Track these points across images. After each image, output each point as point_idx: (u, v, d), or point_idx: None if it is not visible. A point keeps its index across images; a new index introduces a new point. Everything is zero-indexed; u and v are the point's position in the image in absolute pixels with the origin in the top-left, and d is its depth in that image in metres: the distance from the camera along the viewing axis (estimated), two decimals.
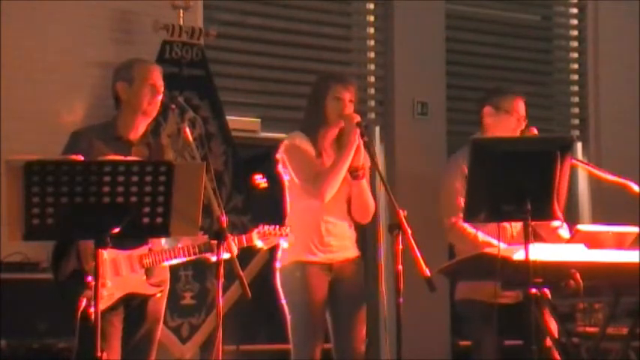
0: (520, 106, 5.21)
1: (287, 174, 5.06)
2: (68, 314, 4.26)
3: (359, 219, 5.12)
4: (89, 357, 3.76)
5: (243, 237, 4.78)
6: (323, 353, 5.04)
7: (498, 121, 5.18)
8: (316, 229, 5.00)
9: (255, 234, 4.81)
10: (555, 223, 5.11)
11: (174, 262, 4.70)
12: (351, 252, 5.10)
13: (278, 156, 5.08)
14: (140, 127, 4.73)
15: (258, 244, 4.83)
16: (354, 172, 5.01)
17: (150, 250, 4.59)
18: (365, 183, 5.05)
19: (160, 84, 4.75)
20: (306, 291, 4.95)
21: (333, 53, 7.25)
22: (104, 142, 4.63)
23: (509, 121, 5.17)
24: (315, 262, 4.98)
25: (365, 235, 6.10)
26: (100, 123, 4.84)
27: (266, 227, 4.84)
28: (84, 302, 4.29)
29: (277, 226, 4.88)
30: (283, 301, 5.02)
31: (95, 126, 4.82)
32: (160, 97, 4.72)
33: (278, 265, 5.05)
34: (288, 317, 5.01)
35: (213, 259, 4.56)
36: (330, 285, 5.02)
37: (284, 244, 4.92)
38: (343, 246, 5.06)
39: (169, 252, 4.63)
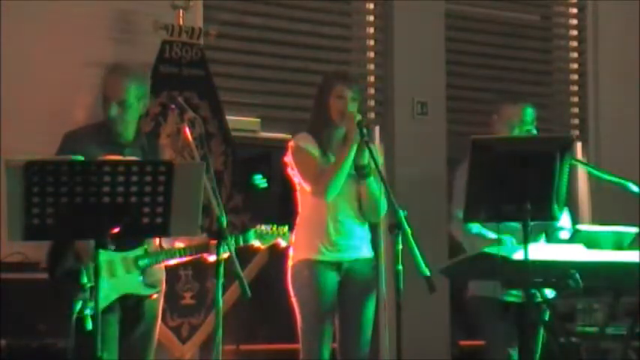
0: (521, 113, 5.16)
1: (295, 175, 5.06)
2: (66, 314, 4.26)
3: (369, 218, 5.10)
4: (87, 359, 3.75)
5: (241, 236, 4.77)
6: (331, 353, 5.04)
7: (499, 130, 5.16)
8: (324, 228, 5.00)
9: (252, 233, 4.81)
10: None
11: (170, 262, 4.69)
12: (362, 252, 5.08)
13: (286, 158, 5.08)
14: (126, 132, 4.66)
15: (256, 243, 4.82)
16: (360, 171, 5.00)
17: (145, 250, 4.58)
18: (373, 181, 4.99)
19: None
20: (314, 289, 4.96)
21: (333, 53, 7.24)
22: (98, 144, 4.57)
23: (509, 131, 5.13)
24: (323, 261, 4.98)
25: None
26: (93, 124, 4.78)
27: (264, 227, 4.84)
28: (79, 305, 4.29)
29: (275, 226, 4.87)
30: (293, 299, 5.02)
31: (88, 127, 4.78)
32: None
33: (289, 263, 5.06)
34: (297, 315, 5.01)
35: (210, 259, 4.57)
36: (340, 284, 5.02)
37: (282, 243, 4.91)
38: (353, 246, 5.04)
39: (165, 253, 4.63)
